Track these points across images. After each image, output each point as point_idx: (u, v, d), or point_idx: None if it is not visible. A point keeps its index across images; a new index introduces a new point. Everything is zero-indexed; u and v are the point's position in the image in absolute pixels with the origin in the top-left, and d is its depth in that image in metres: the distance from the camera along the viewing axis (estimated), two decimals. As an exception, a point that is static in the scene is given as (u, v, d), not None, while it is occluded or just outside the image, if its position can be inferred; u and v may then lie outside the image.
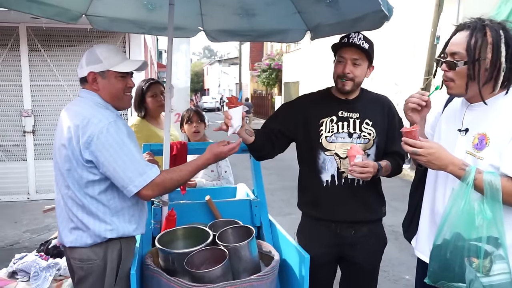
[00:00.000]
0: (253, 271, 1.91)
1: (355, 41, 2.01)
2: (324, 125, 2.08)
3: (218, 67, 43.66)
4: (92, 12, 2.79)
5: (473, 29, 1.49)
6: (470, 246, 1.42)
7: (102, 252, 1.79)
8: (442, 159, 1.50)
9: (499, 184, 1.41)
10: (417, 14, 9.66)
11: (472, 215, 1.42)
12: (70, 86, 6.15)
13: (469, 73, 1.49)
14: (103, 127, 1.70)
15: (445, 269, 1.49)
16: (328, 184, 2.07)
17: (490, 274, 1.40)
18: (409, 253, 4.24)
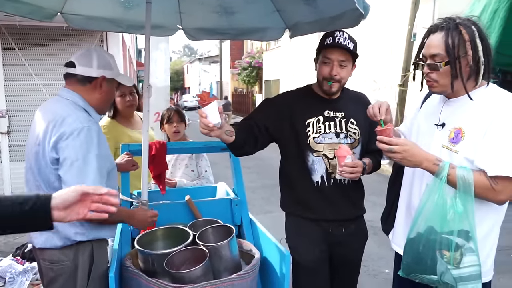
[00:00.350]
0: (234, 270, 1.91)
1: (341, 41, 1.97)
2: (311, 126, 2.06)
3: (199, 65, 43.40)
4: (68, 10, 2.73)
5: (448, 29, 1.53)
6: (442, 240, 1.46)
7: (73, 254, 1.76)
8: (416, 156, 1.53)
9: (471, 178, 1.45)
10: (394, 12, 9.80)
11: (444, 209, 1.46)
12: (46, 86, 6.02)
13: (452, 72, 1.53)
14: (76, 129, 1.67)
15: (417, 262, 1.53)
16: (319, 185, 2.06)
17: (461, 267, 1.45)
18: (388, 247, 4.29)
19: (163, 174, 2.53)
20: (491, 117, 1.49)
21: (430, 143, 1.65)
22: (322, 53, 2.04)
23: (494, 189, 1.46)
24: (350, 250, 2.18)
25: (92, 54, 1.82)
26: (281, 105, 2.11)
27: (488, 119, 1.49)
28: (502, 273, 3.43)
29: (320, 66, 2.05)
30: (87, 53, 1.83)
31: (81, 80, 1.80)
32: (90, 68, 1.80)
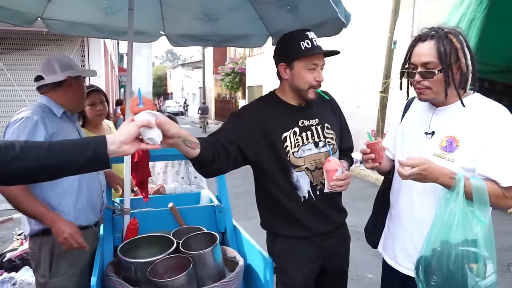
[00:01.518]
0: (218, 278, 1.90)
1: (317, 43, 1.86)
2: (288, 140, 1.87)
3: (181, 71, 43.18)
4: (48, 15, 2.70)
5: (438, 38, 1.55)
6: (468, 253, 1.45)
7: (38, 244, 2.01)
8: (434, 172, 1.51)
9: (486, 188, 1.47)
10: (374, 21, 9.96)
11: (467, 221, 1.46)
12: (25, 91, 5.91)
13: (446, 79, 1.55)
14: (20, 118, 1.88)
15: (449, 281, 1.47)
16: (306, 200, 1.91)
17: (486, 276, 1.45)
18: (371, 252, 4.35)
19: (146, 181, 2.50)
20: (485, 126, 1.51)
21: (419, 152, 1.65)
22: (302, 59, 1.83)
23: (506, 197, 1.50)
24: (339, 259, 2.09)
25: (53, 62, 2.05)
26: (252, 124, 1.85)
27: (483, 128, 1.52)
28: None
29: (305, 73, 1.84)
30: (48, 63, 2.06)
31: (52, 87, 2.04)
32: (56, 74, 2.02)
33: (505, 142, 1.49)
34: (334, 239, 2.01)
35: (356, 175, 8.62)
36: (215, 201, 2.60)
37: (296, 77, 1.87)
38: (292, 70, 1.87)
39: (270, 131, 1.85)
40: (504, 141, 1.49)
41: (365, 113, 10.20)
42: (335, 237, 2.02)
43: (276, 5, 2.43)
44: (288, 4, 2.34)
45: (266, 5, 2.52)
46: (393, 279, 1.83)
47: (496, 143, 1.49)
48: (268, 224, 2.02)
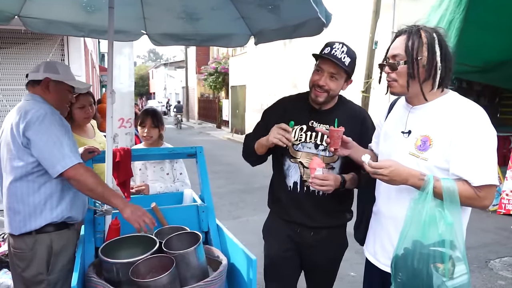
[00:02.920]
0: (201, 277, 1.90)
1: (336, 54, 1.96)
2: (293, 133, 2.07)
3: (164, 71, 42.86)
4: (26, 13, 2.65)
5: (410, 32, 1.61)
6: (434, 253, 1.47)
7: (32, 243, 1.99)
8: (402, 174, 1.56)
9: (456, 189, 1.49)
10: (356, 21, 10.07)
11: (434, 221, 1.48)
12: (3, 91, 5.78)
13: (409, 71, 1.59)
14: (41, 115, 1.93)
15: (413, 279, 1.51)
16: (291, 189, 2.14)
17: (454, 277, 1.47)
18: (353, 250, 4.39)
19: (128, 181, 2.48)
20: (458, 125, 1.53)
21: (397, 150, 1.69)
22: (318, 61, 2.05)
23: (478, 197, 1.51)
24: (321, 257, 2.19)
25: (41, 64, 2.15)
26: (274, 115, 2.19)
27: (455, 127, 1.53)
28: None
29: (312, 73, 2.06)
30: (38, 64, 2.16)
31: (31, 83, 2.12)
32: (37, 73, 2.11)
33: (477, 141, 1.51)
34: (312, 233, 2.15)
35: (338, 174, 8.69)
36: (198, 201, 2.59)
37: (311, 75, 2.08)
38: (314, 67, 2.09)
39: (283, 119, 2.03)
40: (476, 141, 1.51)
41: (347, 112, 10.28)
42: (314, 232, 2.15)
43: (257, 4, 2.43)
44: (270, 4, 2.35)
45: (247, 5, 2.52)
46: (374, 275, 1.86)
47: (468, 143, 1.51)
48: (268, 200, 2.34)
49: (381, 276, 1.79)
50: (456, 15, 3.71)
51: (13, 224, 2.00)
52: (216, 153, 11.39)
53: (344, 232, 2.29)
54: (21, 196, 1.97)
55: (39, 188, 1.98)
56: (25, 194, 1.97)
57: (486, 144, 1.52)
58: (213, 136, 19.25)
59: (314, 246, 2.17)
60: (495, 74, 6.21)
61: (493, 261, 4.35)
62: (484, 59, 5.77)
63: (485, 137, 1.52)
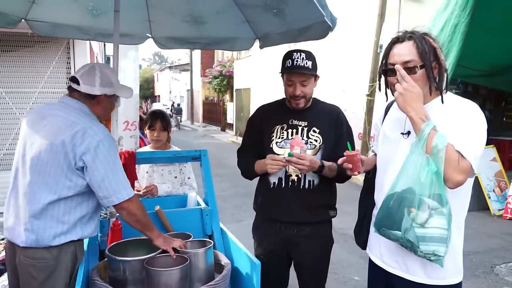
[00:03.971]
0: (207, 280, 1.90)
1: (299, 63, 2.12)
2: (275, 132, 2.25)
3: (169, 74, 42.96)
4: (33, 16, 2.67)
5: (416, 38, 1.61)
6: (413, 198, 1.48)
7: (56, 252, 1.85)
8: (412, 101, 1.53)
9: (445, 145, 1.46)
10: (361, 25, 10.06)
11: (421, 168, 1.48)
12: (9, 94, 5.80)
13: (429, 75, 1.59)
14: (100, 140, 1.82)
15: (386, 217, 1.57)
16: (275, 186, 2.23)
17: (426, 226, 1.47)
18: (358, 254, 4.39)
19: (132, 184, 2.48)
20: (455, 119, 1.56)
21: (397, 151, 1.69)
22: (285, 74, 2.20)
23: (458, 165, 1.48)
24: (307, 253, 2.25)
25: (95, 73, 1.96)
26: (256, 120, 2.38)
27: (452, 122, 1.56)
28: (466, 278, 3.54)
29: (285, 86, 2.22)
30: (91, 71, 1.96)
31: (84, 96, 1.95)
32: (93, 87, 1.94)
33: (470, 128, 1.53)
34: (296, 230, 2.23)
35: (343, 178, 8.66)
36: (202, 204, 2.59)
37: (284, 88, 2.25)
38: (283, 81, 2.24)
39: (265, 123, 2.30)
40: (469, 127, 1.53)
41: (352, 116, 10.26)
42: (297, 229, 2.23)
43: (262, 8, 2.44)
44: (275, 7, 2.35)
45: (252, 9, 2.53)
46: (379, 277, 1.85)
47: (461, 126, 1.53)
48: (254, 201, 2.42)
49: (386, 278, 1.79)
50: (462, 18, 3.70)
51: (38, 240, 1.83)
52: (220, 156, 11.39)
53: (329, 229, 2.35)
54: (57, 215, 1.85)
55: (76, 208, 1.88)
56: (61, 213, 1.85)
57: (476, 129, 1.54)
58: (218, 139, 19.27)
59: (299, 243, 2.23)
60: (501, 78, 6.18)
61: (499, 267, 4.31)
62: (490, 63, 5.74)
63: (477, 124, 1.55)
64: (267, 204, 2.29)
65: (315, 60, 2.18)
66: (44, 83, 5.82)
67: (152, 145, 3.01)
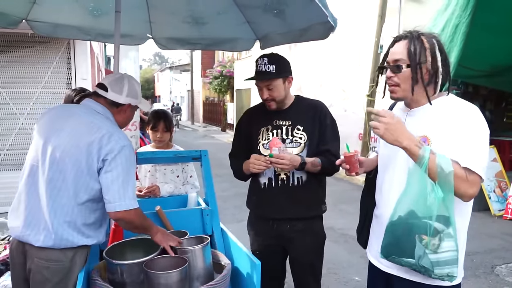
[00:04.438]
0: (206, 280, 1.90)
1: (260, 69, 2.20)
2: (261, 134, 2.33)
3: (169, 74, 42.97)
4: (33, 17, 2.68)
5: (411, 38, 1.63)
6: (421, 224, 1.48)
7: (71, 255, 1.86)
8: (399, 131, 1.52)
9: (451, 165, 1.46)
10: (361, 25, 10.07)
11: (425, 193, 1.47)
12: (10, 94, 5.81)
13: (413, 75, 1.61)
14: (124, 146, 1.85)
15: (396, 244, 1.55)
16: (266, 186, 2.31)
17: (438, 251, 1.47)
18: (358, 255, 4.39)
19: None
20: (455, 122, 1.56)
21: (397, 152, 1.69)
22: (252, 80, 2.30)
23: (468, 180, 1.49)
24: (301, 248, 2.31)
25: (124, 82, 2.02)
26: (244, 124, 2.48)
27: (452, 125, 1.56)
28: (467, 278, 3.54)
29: (258, 92, 2.31)
30: (119, 80, 2.02)
31: (110, 103, 1.99)
32: (120, 95, 1.99)
33: (471, 134, 1.53)
34: (289, 226, 2.30)
35: (342, 178, 8.68)
36: (203, 204, 2.59)
37: None
38: None
39: (251, 127, 2.40)
40: (470, 134, 1.53)
41: (352, 116, 10.28)
42: (290, 225, 2.30)
43: (263, 9, 2.44)
44: (275, 8, 2.35)
45: (253, 9, 2.53)
46: (377, 278, 1.85)
47: (463, 134, 1.53)
48: (247, 199, 2.49)
49: (385, 278, 1.79)
50: (463, 19, 3.70)
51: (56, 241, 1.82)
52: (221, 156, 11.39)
53: (321, 223, 2.41)
54: (76, 218, 1.85)
55: (95, 211, 1.89)
56: (80, 216, 1.85)
57: (479, 138, 1.54)
58: (218, 139, 19.28)
59: (293, 237, 2.30)
60: (502, 78, 6.18)
61: (499, 267, 4.31)
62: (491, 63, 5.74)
63: (479, 133, 1.55)
64: (259, 203, 2.37)
65: (281, 62, 2.22)
66: (44, 83, 5.83)
67: (154, 145, 3.00)
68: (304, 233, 2.30)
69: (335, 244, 4.76)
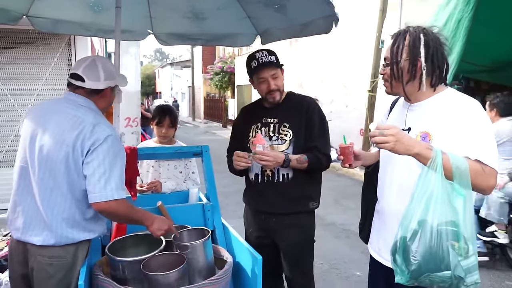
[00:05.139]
0: (208, 275, 1.91)
1: (264, 60, 2.26)
2: (251, 131, 2.42)
3: (170, 70, 42.92)
4: (34, 13, 2.67)
5: (397, 35, 1.67)
6: (447, 231, 1.40)
7: (73, 250, 1.86)
8: (408, 140, 1.49)
9: (465, 161, 1.45)
10: (362, 20, 10.03)
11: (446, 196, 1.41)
12: (11, 91, 5.81)
13: (391, 72, 1.66)
14: (108, 136, 1.83)
15: (429, 259, 1.42)
16: (253, 181, 2.41)
17: (468, 256, 1.42)
18: (360, 250, 4.39)
19: (134, 180, 2.49)
20: (456, 117, 1.55)
21: None
22: (255, 75, 2.33)
23: (484, 172, 1.48)
24: (283, 241, 2.38)
25: (98, 68, 1.94)
26: (238, 122, 2.59)
27: (453, 120, 1.56)
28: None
29: (259, 86, 2.35)
30: (92, 66, 1.94)
31: (89, 91, 1.94)
32: (98, 82, 1.93)
33: (477, 126, 1.53)
34: (275, 219, 2.37)
35: (344, 174, 8.67)
36: (204, 200, 2.60)
37: (257, 88, 2.39)
38: (254, 83, 2.39)
39: (244, 125, 2.49)
40: (476, 126, 1.53)
41: (354, 112, 10.26)
42: (276, 219, 2.36)
43: (264, 4, 2.43)
44: (276, 3, 2.34)
45: (253, 4, 2.52)
46: (379, 273, 1.86)
47: (469, 129, 1.53)
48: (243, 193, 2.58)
49: (385, 272, 1.79)
50: (465, 14, 3.67)
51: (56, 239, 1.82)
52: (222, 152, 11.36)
53: (309, 219, 2.43)
54: (68, 213, 1.83)
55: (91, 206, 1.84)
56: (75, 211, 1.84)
57: (486, 131, 1.54)
58: (219, 135, 19.27)
59: (278, 231, 2.37)
60: (504, 73, 6.15)
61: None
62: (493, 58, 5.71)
63: (485, 125, 1.55)
64: (251, 197, 2.48)
65: (276, 54, 2.32)
66: (45, 79, 5.83)
67: (158, 140, 3.01)
68: (289, 227, 2.35)
69: (337, 239, 4.77)
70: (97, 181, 1.77)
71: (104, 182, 1.77)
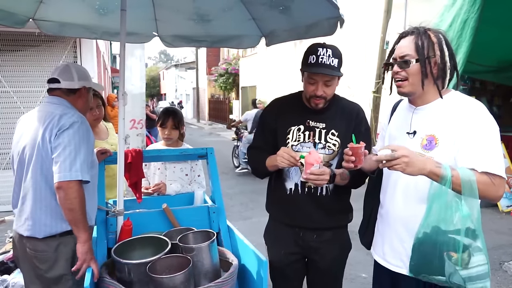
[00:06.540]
0: (213, 277, 1.91)
1: (324, 61, 1.93)
2: (291, 134, 2.10)
3: (175, 72, 43.02)
4: (40, 16, 2.69)
5: (418, 33, 1.62)
6: (449, 240, 1.45)
7: (55, 245, 2.00)
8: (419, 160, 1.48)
9: (473, 175, 1.46)
10: (367, 21, 10.01)
11: (450, 209, 1.46)
12: (17, 93, 5.85)
13: (422, 69, 1.60)
14: (74, 122, 1.96)
15: (425, 263, 1.53)
16: (292, 192, 2.12)
17: (469, 267, 1.45)
18: (365, 252, 4.35)
19: (139, 182, 2.50)
20: (462, 122, 1.54)
21: None
22: (306, 72, 2.00)
23: (494, 184, 1.48)
24: (324, 258, 2.16)
25: (71, 69, 2.14)
26: (270, 117, 2.20)
27: (459, 124, 1.54)
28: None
29: (306, 84, 2.03)
30: (66, 69, 2.14)
31: (66, 92, 2.12)
32: (73, 81, 2.12)
33: (483, 134, 1.52)
34: (316, 235, 2.13)
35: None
36: (209, 202, 2.59)
37: (304, 85, 2.08)
38: (303, 77, 2.08)
39: (279, 122, 2.14)
40: (482, 134, 1.52)
41: (359, 113, 10.20)
42: (317, 234, 2.14)
43: (269, 5, 2.43)
44: (281, 4, 2.34)
45: (258, 6, 2.52)
46: (383, 277, 1.84)
47: (474, 136, 1.51)
48: (267, 204, 2.32)
49: (391, 277, 1.78)
50: (471, 14, 3.66)
51: (36, 228, 1.98)
52: (226, 153, 11.41)
53: (347, 233, 2.26)
54: (45, 201, 1.97)
55: None
56: (49, 199, 1.96)
57: (492, 139, 1.53)
58: (224, 137, 19.28)
59: (319, 248, 2.15)
60: (509, 73, 6.12)
61: (507, 263, 4.28)
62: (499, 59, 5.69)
63: (490, 131, 1.53)
64: (285, 210, 2.16)
65: (341, 57, 2.00)
66: (51, 82, 5.87)
67: (164, 142, 3.02)
68: (331, 242, 2.16)
69: (342, 241, 4.75)
70: (62, 162, 1.87)
71: (69, 164, 1.87)
